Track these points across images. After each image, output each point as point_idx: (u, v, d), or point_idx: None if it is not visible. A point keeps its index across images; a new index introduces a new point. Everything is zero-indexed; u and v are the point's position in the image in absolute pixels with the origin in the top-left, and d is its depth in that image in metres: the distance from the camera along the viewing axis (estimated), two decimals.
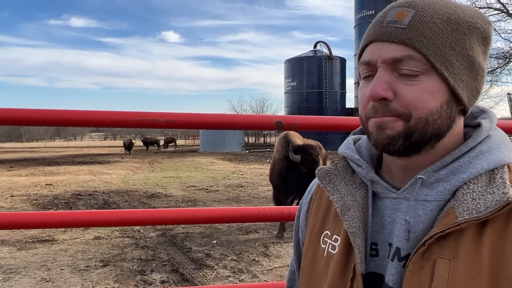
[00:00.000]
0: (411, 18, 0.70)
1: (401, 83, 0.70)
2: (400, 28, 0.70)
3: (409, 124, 0.70)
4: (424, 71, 0.69)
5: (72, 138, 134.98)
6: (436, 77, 0.70)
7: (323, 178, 0.86)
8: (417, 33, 0.69)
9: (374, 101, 0.71)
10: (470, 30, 0.71)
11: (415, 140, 0.72)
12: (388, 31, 0.71)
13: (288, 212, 1.52)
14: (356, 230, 0.76)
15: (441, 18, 0.70)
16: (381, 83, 0.70)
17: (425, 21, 0.69)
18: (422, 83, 0.69)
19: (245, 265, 5.41)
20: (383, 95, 0.70)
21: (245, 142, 44.47)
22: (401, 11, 0.71)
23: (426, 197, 0.72)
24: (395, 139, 0.71)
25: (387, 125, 0.71)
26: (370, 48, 0.74)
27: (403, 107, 0.70)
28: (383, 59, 0.71)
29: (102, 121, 1.39)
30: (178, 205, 10.07)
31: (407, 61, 0.69)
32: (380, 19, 0.74)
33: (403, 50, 0.69)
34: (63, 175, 17.32)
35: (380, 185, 0.79)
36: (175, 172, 18.70)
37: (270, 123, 1.45)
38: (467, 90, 0.73)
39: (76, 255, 5.89)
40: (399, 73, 0.70)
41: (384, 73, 0.71)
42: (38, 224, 1.43)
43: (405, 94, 0.70)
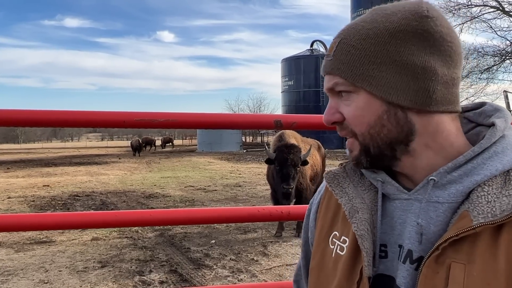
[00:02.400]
0: (335, 49, 0.77)
1: (343, 105, 0.78)
2: (328, 60, 0.79)
3: (360, 141, 0.77)
4: (353, 90, 0.76)
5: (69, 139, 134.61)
6: (364, 93, 0.75)
7: (331, 181, 0.87)
8: (337, 62, 0.76)
9: (329, 125, 0.81)
10: (392, 36, 0.72)
11: (375, 153, 0.77)
12: (324, 65, 0.80)
13: (287, 211, 1.52)
14: (364, 232, 0.75)
15: (359, 37, 0.74)
16: (329, 109, 0.80)
17: (344, 47, 0.76)
18: (354, 101, 0.76)
19: (244, 264, 5.40)
20: (332, 120, 0.79)
21: (242, 141, 44.45)
22: (333, 43, 0.79)
23: (438, 199, 0.71)
24: (359, 158, 0.79)
25: (352, 147, 0.80)
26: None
27: (350, 124, 0.78)
28: (326, 89, 0.81)
29: (100, 121, 1.38)
30: (176, 205, 10.06)
31: (336, 87, 0.77)
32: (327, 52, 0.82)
33: (332, 79, 0.78)
34: (60, 176, 17.27)
35: (391, 186, 0.78)
36: (172, 172, 18.67)
37: (269, 122, 1.45)
38: (407, 94, 0.72)
39: (74, 256, 5.87)
40: (339, 96, 0.79)
41: (331, 100, 0.81)
42: (37, 226, 1.41)
43: (346, 114, 0.78)
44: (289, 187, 6.09)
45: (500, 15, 20.50)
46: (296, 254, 5.83)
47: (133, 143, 35.90)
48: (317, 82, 42.82)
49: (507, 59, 20.93)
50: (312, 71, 43.10)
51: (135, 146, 35.00)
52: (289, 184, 6.08)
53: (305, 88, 43.67)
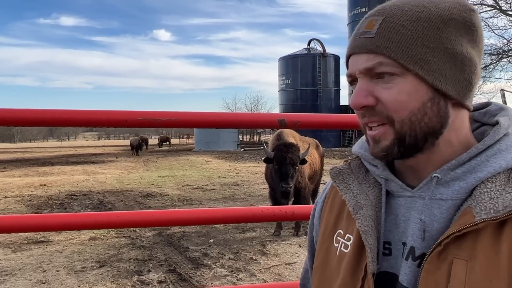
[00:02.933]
0: (379, 26, 0.72)
1: (380, 88, 0.72)
2: (369, 38, 0.72)
3: (396, 129, 0.72)
4: (399, 73, 0.70)
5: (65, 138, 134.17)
6: (412, 77, 0.70)
7: (336, 177, 0.86)
8: (384, 40, 0.71)
9: (357, 109, 0.74)
10: (444, 23, 0.70)
11: (409, 143, 0.73)
12: (360, 43, 0.74)
13: (291, 212, 1.50)
14: (368, 229, 0.75)
15: (410, 19, 0.70)
16: (361, 91, 0.73)
17: (392, 26, 0.71)
18: (398, 85, 0.71)
19: (243, 264, 5.39)
20: (363, 103, 0.73)
21: (239, 140, 44.46)
22: (371, 20, 0.74)
23: (442, 196, 0.71)
24: (390, 149, 0.74)
25: (381, 137, 0.74)
26: (350, 61, 0.77)
27: (386, 109, 0.72)
28: (359, 70, 0.74)
29: (102, 120, 1.36)
30: (174, 204, 10.04)
31: (378, 68, 0.71)
32: (356, 31, 0.76)
33: (374, 58, 0.72)
34: (57, 176, 17.20)
35: (394, 184, 0.78)
36: (170, 171, 18.64)
37: (273, 121, 1.43)
38: (453, 84, 0.71)
39: (72, 256, 5.84)
40: (377, 78, 0.72)
41: (362, 82, 0.74)
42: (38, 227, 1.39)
43: (385, 98, 0.72)
44: (288, 186, 6.08)
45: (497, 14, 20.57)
46: (295, 253, 5.83)
47: (133, 142, 34.64)
48: (314, 81, 42.88)
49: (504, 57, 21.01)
50: (309, 70, 43.14)
51: (135, 145, 33.81)
52: (287, 183, 6.08)
53: (302, 87, 43.71)
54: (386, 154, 0.74)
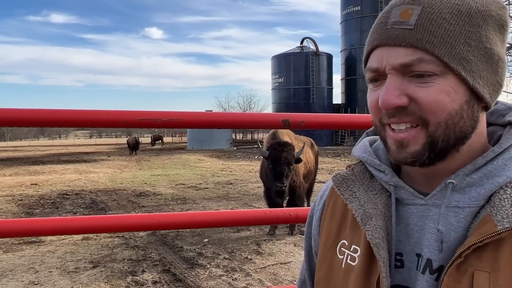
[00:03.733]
0: (418, 17, 0.64)
1: (415, 86, 0.65)
2: (406, 29, 0.64)
3: (429, 132, 0.66)
4: (439, 72, 0.64)
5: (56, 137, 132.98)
6: (452, 77, 0.64)
7: (340, 185, 0.80)
8: (426, 33, 0.63)
9: (387, 110, 0.66)
10: (484, 20, 0.65)
11: (440, 149, 0.67)
12: (394, 33, 0.65)
13: (295, 214, 1.47)
14: (380, 241, 0.70)
15: (451, 11, 0.64)
16: (393, 90, 0.65)
17: (433, 18, 0.63)
18: (438, 84, 0.64)
19: (238, 263, 5.36)
20: (396, 103, 0.65)
21: (232, 139, 44.37)
22: (406, 9, 0.65)
23: (458, 203, 0.67)
24: (420, 155, 0.67)
25: (410, 142, 0.67)
26: (376, 53, 0.68)
27: (421, 110, 0.65)
28: (392, 65, 0.65)
29: (100, 121, 1.31)
30: (167, 203, 9.97)
31: (418, 64, 0.64)
32: (383, 20, 0.68)
33: (412, 53, 0.64)
34: (48, 175, 17.03)
35: (405, 191, 0.73)
36: (163, 170, 18.55)
37: (277, 121, 1.40)
38: (488, 86, 0.67)
39: (65, 256, 5.77)
40: (411, 75, 0.65)
41: (394, 79, 0.66)
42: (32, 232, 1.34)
43: (422, 97, 0.64)
44: (283, 185, 6.06)
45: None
46: (290, 252, 5.81)
47: (130, 141, 33.14)
48: (307, 79, 42.93)
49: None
50: (302, 69, 43.17)
51: (132, 144, 32.37)
52: (282, 182, 6.06)
53: (295, 85, 43.75)
54: (414, 160, 0.68)
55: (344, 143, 38.68)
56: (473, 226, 0.65)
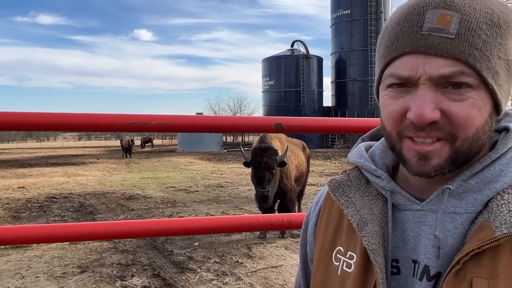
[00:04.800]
0: (458, 25, 0.60)
1: (448, 100, 0.62)
2: (447, 38, 0.60)
3: (455, 147, 0.63)
4: (474, 85, 0.62)
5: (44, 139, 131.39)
6: (484, 91, 0.63)
7: (336, 190, 0.79)
8: (468, 45, 0.60)
9: (424, 124, 0.62)
10: (509, 31, 0.63)
11: (461, 162, 0.66)
12: (434, 42, 0.60)
13: (288, 219, 1.44)
14: (376, 247, 0.69)
15: (485, 21, 0.61)
16: (428, 103, 0.61)
17: (473, 28, 0.60)
18: (471, 98, 0.62)
19: (229, 267, 5.32)
20: (432, 119, 0.61)
21: (223, 141, 44.28)
22: (443, 15, 0.60)
23: (455, 209, 0.66)
24: (443, 168, 0.64)
25: (433, 155, 0.64)
26: (407, 60, 0.63)
27: (451, 125, 0.62)
28: (430, 75, 0.61)
29: (87, 124, 1.27)
30: (157, 206, 9.88)
31: (458, 77, 0.61)
32: (416, 24, 0.62)
33: (453, 64, 0.60)
34: (36, 177, 16.80)
35: (401, 196, 0.72)
36: (153, 173, 18.42)
37: (270, 125, 1.37)
38: (506, 98, 0.67)
39: (52, 261, 5.67)
40: (445, 86, 0.62)
41: (429, 91, 0.62)
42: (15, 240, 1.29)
43: (455, 112, 0.62)
44: (264, 190, 6.07)
45: None
46: (281, 256, 5.79)
47: (124, 144, 31.20)
48: (297, 82, 43.11)
49: None
50: (292, 71, 43.35)
51: (125, 147, 30.64)
52: (263, 187, 6.07)
53: (285, 88, 43.89)
54: (437, 174, 0.65)
55: (334, 145, 38.85)
56: (470, 232, 0.64)
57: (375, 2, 41.16)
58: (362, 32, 41.44)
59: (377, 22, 40.96)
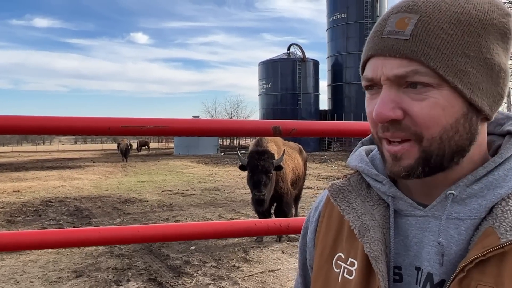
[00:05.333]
0: (414, 27, 0.62)
1: (409, 99, 0.63)
2: (401, 39, 0.62)
3: (423, 147, 0.64)
4: (435, 84, 0.62)
5: (40, 142, 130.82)
6: (448, 90, 0.62)
7: (336, 196, 0.78)
8: (421, 44, 0.61)
9: (382, 123, 0.65)
10: (485, 29, 0.62)
11: (435, 163, 0.65)
12: (389, 44, 0.63)
13: (286, 224, 1.42)
14: (378, 254, 0.67)
15: (449, 20, 0.61)
16: (387, 102, 0.63)
17: (430, 28, 0.61)
18: (433, 98, 0.62)
19: (225, 271, 5.28)
20: (390, 116, 0.63)
21: (219, 144, 44.23)
22: (402, 18, 0.63)
23: (459, 215, 0.65)
24: (413, 169, 0.65)
25: (403, 155, 0.65)
26: (371, 63, 0.67)
27: (415, 125, 0.63)
28: (386, 76, 0.64)
29: (82, 128, 1.24)
30: (153, 210, 9.83)
31: (412, 76, 0.62)
32: (379, 28, 0.66)
33: (407, 65, 0.62)
34: (31, 181, 16.68)
35: (403, 202, 0.71)
36: (149, 176, 18.35)
37: (267, 128, 1.35)
38: (488, 98, 0.64)
39: (47, 266, 5.61)
40: (406, 86, 0.63)
41: (389, 91, 0.64)
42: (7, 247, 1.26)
43: (415, 111, 0.63)
44: (260, 194, 6.03)
45: None
46: (278, 260, 5.76)
47: (122, 147, 29.94)
48: (294, 85, 43.15)
49: None
50: (289, 74, 43.39)
51: (124, 150, 29.39)
52: (260, 191, 6.03)
53: (282, 91, 43.92)
54: (408, 174, 0.66)
55: (331, 149, 38.88)
56: (475, 239, 0.63)
57: (371, 6, 41.33)
58: (358, 35, 41.54)
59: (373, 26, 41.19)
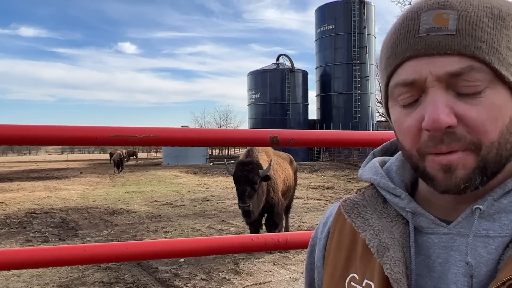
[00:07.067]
0: (457, 21, 0.56)
1: (463, 103, 0.56)
2: (448, 35, 0.56)
3: (482, 155, 0.57)
4: (488, 83, 0.56)
5: (26, 152, 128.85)
6: (502, 88, 0.57)
7: (350, 211, 0.71)
8: (471, 38, 0.55)
9: (440, 131, 0.56)
10: None
11: (492, 171, 0.58)
12: (434, 41, 0.56)
13: (285, 239, 1.35)
14: (400, 276, 0.60)
15: (485, 14, 0.57)
16: (442, 106, 0.56)
17: (473, 22, 0.56)
18: (489, 98, 0.56)
19: (216, 284, 5.17)
20: (448, 123, 0.55)
21: (209, 154, 44.02)
22: (439, 14, 0.57)
23: (488, 232, 0.59)
24: (472, 180, 0.57)
25: (457, 165, 0.57)
26: (409, 65, 0.59)
27: (471, 133, 0.56)
28: (436, 75, 0.56)
29: (68, 138, 1.17)
30: (142, 221, 9.66)
31: (468, 74, 0.55)
32: (412, 28, 0.59)
33: (460, 61, 0.56)
34: (16, 192, 16.33)
35: (424, 218, 0.64)
36: (137, 187, 18.11)
37: (264, 138, 1.29)
38: None
39: (31, 280, 5.44)
40: (457, 91, 0.56)
41: (440, 94, 0.56)
42: None
43: (472, 117, 0.56)
44: (244, 205, 5.98)
45: None
46: (269, 272, 5.66)
47: (115, 158, 28.16)
48: (283, 95, 43.29)
49: None
50: (278, 85, 43.53)
51: (117, 161, 27.73)
52: (244, 202, 5.98)
53: (271, 101, 44.01)
54: (467, 186, 0.58)
55: (320, 158, 38.94)
56: (504, 258, 0.56)
57: (358, 17, 41.83)
58: (346, 46, 41.97)
59: (361, 37, 41.58)
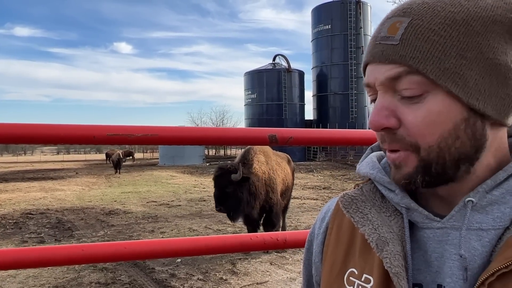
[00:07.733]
0: (404, 31, 0.60)
1: (404, 107, 0.61)
2: (391, 45, 0.61)
3: (421, 156, 0.61)
4: (429, 89, 0.59)
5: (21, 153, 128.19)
6: (443, 94, 0.59)
7: (349, 206, 0.72)
8: (410, 48, 0.59)
9: (377, 131, 0.64)
10: (486, 27, 0.58)
11: (437, 172, 0.61)
12: (380, 50, 0.62)
13: (283, 238, 1.35)
14: (400, 269, 0.61)
15: (443, 22, 0.58)
16: (381, 110, 0.62)
17: (420, 31, 0.59)
18: (428, 103, 0.59)
19: (213, 284, 5.17)
20: (384, 124, 0.61)
21: (205, 154, 43.98)
22: (394, 23, 0.62)
23: (481, 225, 0.60)
24: (413, 177, 0.63)
25: (401, 163, 0.63)
26: (368, 70, 0.66)
27: (410, 135, 0.61)
28: (380, 81, 0.62)
29: (65, 137, 1.15)
30: (138, 222, 9.63)
31: (405, 77, 0.60)
32: (375, 34, 0.65)
33: (398, 67, 0.60)
34: (11, 193, 16.25)
35: (418, 213, 0.65)
36: (133, 187, 18.07)
37: (263, 137, 1.28)
38: (494, 101, 0.60)
39: (27, 281, 5.40)
40: (401, 95, 0.61)
41: (383, 98, 0.63)
42: None
43: (409, 121, 0.60)
44: (216, 208, 6.32)
45: None
46: (266, 272, 5.66)
47: (114, 158, 27.49)
48: (279, 95, 43.35)
49: None
50: (274, 85, 43.58)
51: (115, 161, 26.98)
52: (216, 206, 6.29)
53: (268, 101, 44.06)
54: (408, 182, 0.63)
55: (316, 158, 38.99)
56: (497, 250, 0.58)
57: (354, 18, 41.92)
58: (343, 46, 42.05)
59: (357, 37, 41.67)
